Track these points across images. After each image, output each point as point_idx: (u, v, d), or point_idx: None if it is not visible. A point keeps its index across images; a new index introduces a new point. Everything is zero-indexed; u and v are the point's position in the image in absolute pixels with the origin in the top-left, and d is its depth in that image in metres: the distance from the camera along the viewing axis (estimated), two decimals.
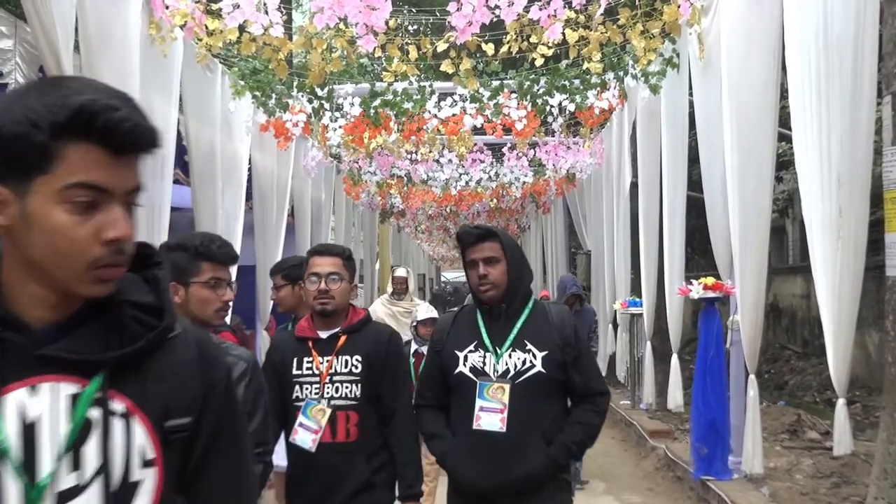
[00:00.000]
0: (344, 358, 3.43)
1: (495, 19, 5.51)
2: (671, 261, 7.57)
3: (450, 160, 10.75)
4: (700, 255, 15.82)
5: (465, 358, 3.26)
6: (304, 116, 7.34)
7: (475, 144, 9.82)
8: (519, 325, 3.28)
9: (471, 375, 3.22)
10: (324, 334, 3.49)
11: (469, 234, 3.36)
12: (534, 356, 3.19)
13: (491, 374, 3.20)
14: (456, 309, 3.79)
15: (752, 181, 5.44)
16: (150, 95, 5.46)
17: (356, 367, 3.41)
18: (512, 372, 3.19)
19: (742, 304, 5.78)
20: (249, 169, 7.85)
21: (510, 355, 3.21)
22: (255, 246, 8.37)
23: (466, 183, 12.79)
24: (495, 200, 15.07)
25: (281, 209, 8.90)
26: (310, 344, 3.48)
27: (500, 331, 3.28)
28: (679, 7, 5.51)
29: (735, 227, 5.63)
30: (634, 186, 8.97)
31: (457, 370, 3.26)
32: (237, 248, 7.38)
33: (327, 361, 3.42)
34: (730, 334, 6.39)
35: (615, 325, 11.04)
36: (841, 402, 4.71)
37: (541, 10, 5.47)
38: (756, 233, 5.53)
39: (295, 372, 3.46)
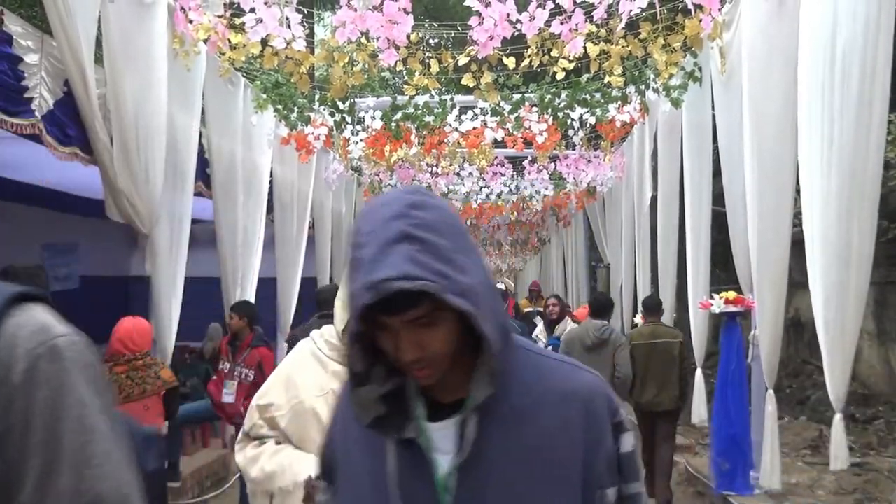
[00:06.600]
0: None
1: (516, 33, 5.52)
2: (696, 275, 7.53)
3: (470, 173, 10.78)
4: (721, 269, 15.74)
5: None
6: (326, 129, 7.37)
7: (496, 157, 9.82)
8: None
9: None
10: None
11: None
12: None
13: None
14: None
15: (772, 195, 5.39)
16: (173, 108, 5.52)
17: None
18: None
19: (761, 319, 5.73)
20: (270, 181, 7.90)
21: None
22: (275, 258, 8.41)
23: (487, 196, 12.79)
24: (516, 213, 15.06)
25: (301, 222, 8.95)
26: None
27: None
28: (700, 21, 5.49)
29: (754, 241, 5.58)
30: (654, 200, 8.93)
31: None
32: (257, 260, 7.44)
33: None
34: (751, 349, 6.34)
35: None
36: (838, 418, 4.73)
37: (562, 24, 5.47)
38: (776, 247, 5.47)
39: None
